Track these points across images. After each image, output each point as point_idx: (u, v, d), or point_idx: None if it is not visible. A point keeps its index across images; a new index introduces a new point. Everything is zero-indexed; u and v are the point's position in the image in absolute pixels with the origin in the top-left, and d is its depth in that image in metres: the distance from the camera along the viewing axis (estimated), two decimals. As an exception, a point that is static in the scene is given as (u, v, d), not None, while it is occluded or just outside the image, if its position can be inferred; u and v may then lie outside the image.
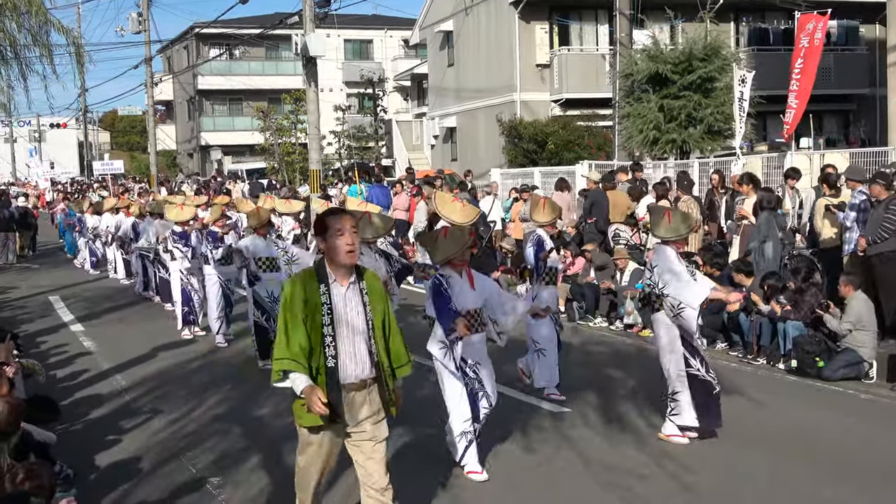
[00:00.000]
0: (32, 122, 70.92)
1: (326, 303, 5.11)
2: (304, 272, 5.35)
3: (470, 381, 7.32)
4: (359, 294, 5.21)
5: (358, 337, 5.18)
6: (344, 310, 5.15)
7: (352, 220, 5.19)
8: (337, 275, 5.18)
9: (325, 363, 5.10)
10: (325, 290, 5.13)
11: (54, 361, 12.34)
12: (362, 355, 5.20)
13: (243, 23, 46.87)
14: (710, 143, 20.56)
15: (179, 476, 7.56)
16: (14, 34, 15.06)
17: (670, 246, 7.96)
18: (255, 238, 11.76)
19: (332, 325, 5.10)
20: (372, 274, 5.40)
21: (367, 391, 5.27)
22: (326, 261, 5.22)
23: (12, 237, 26.60)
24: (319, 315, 5.09)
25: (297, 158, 40.28)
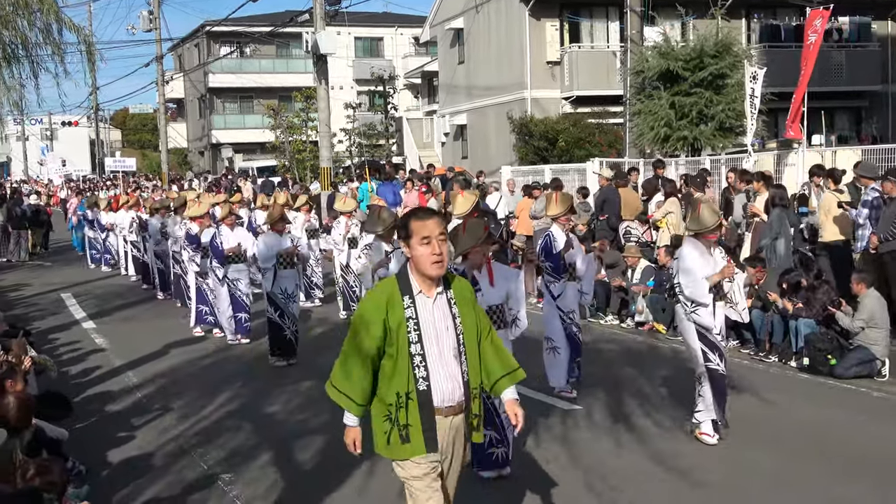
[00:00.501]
0: (44, 121, 71.16)
1: (412, 317, 4.52)
2: (384, 283, 4.75)
3: None
4: (447, 305, 4.62)
5: (450, 354, 4.57)
6: (433, 324, 4.56)
7: (441, 226, 4.57)
8: (423, 285, 4.58)
9: (416, 386, 4.51)
10: (409, 304, 4.54)
11: (66, 358, 12.38)
12: (457, 375, 4.59)
13: (254, 21, 46.92)
14: (721, 140, 20.51)
15: (191, 472, 7.58)
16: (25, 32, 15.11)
17: (700, 239, 7.87)
18: (271, 235, 11.68)
19: (420, 343, 4.51)
20: (461, 281, 4.82)
21: (464, 414, 4.69)
22: (410, 269, 4.63)
23: (25, 235, 26.71)
24: (405, 332, 4.50)
25: (308, 156, 40.32)
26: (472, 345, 4.68)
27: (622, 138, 23.80)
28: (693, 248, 7.91)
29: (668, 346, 12.19)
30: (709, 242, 7.87)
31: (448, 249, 4.74)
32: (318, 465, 7.70)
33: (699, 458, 7.56)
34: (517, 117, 28.84)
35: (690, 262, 7.84)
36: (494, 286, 7.05)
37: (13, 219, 26.23)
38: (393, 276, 4.76)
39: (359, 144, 41.83)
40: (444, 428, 4.60)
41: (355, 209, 15.43)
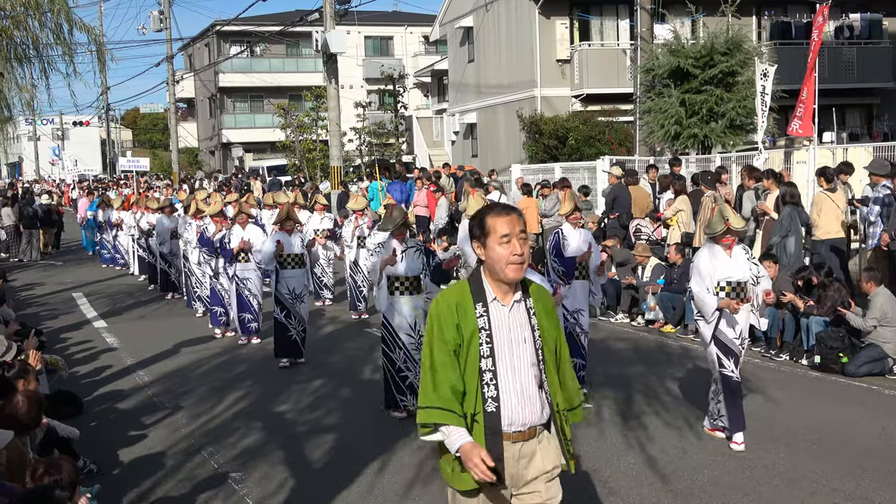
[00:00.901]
0: (55, 121, 71.42)
1: (485, 328, 3.95)
2: (454, 288, 4.12)
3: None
4: (525, 314, 4.04)
5: (526, 371, 3.98)
6: (507, 336, 3.99)
7: (521, 222, 4.00)
8: (498, 291, 4.02)
9: (484, 407, 3.94)
10: (482, 312, 3.98)
11: (78, 357, 12.43)
12: (532, 394, 4.00)
13: (264, 20, 46.99)
14: (731, 138, 20.46)
15: (201, 471, 7.60)
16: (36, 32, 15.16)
17: (717, 243, 7.83)
18: (280, 234, 11.65)
19: (492, 357, 3.94)
20: (539, 287, 4.21)
21: (537, 440, 4.07)
22: (484, 273, 4.06)
23: (36, 234, 26.80)
24: (476, 344, 3.94)
25: (318, 155, 40.35)
26: (552, 361, 4.09)
27: (632, 136, 23.77)
28: (706, 251, 7.90)
29: (678, 345, 12.17)
30: (724, 245, 7.79)
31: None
32: (327, 464, 7.71)
33: (709, 455, 7.55)
34: (527, 115, 28.82)
35: (697, 264, 7.87)
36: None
37: (25, 218, 26.33)
38: (464, 280, 4.15)
39: (369, 143, 41.83)
40: (511, 456, 3.99)
41: (366, 207, 15.45)
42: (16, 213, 26.50)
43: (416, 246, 9.06)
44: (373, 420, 8.96)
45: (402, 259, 8.82)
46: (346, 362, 11.65)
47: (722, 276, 7.73)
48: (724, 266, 7.75)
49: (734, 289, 7.74)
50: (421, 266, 8.89)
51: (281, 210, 12.26)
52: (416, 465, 7.56)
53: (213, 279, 13.74)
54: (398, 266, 8.79)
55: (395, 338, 8.81)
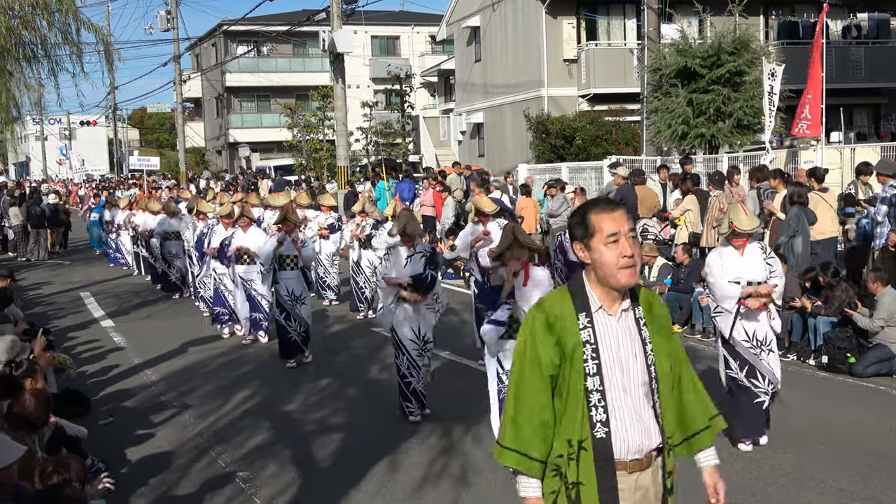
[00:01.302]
0: (63, 120, 71.59)
1: (590, 342, 3.47)
2: (552, 297, 3.66)
3: (505, 388, 6.80)
4: (635, 325, 3.56)
5: (638, 390, 3.51)
6: (616, 350, 3.50)
7: (629, 220, 3.55)
8: (605, 299, 3.53)
9: (592, 433, 3.45)
10: (586, 323, 3.49)
11: (85, 357, 12.45)
12: (645, 416, 3.53)
13: (271, 20, 47.06)
14: (739, 138, 20.44)
15: (209, 470, 7.62)
16: (45, 32, 15.19)
17: (728, 244, 7.81)
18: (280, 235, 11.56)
19: (599, 376, 3.45)
20: (650, 294, 3.74)
21: (652, 470, 3.60)
22: (587, 278, 3.57)
23: (44, 234, 26.85)
24: (580, 361, 3.46)
25: (325, 155, 40.39)
26: (666, 378, 3.60)
27: (639, 136, 23.75)
28: (716, 252, 7.97)
29: (685, 344, 12.08)
30: (735, 246, 7.74)
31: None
32: (335, 463, 7.72)
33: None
34: (534, 115, 28.82)
35: (709, 263, 7.92)
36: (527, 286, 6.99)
37: (33, 218, 26.38)
38: (564, 287, 3.66)
39: (375, 143, 41.88)
40: (627, 488, 3.52)
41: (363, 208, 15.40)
42: (23, 213, 26.55)
43: (423, 252, 8.91)
44: (380, 419, 8.96)
45: (407, 265, 8.73)
46: (353, 361, 11.66)
47: (733, 276, 7.67)
48: (736, 266, 7.70)
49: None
50: (423, 271, 8.78)
51: (280, 211, 12.21)
52: (425, 464, 7.57)
53: (217, 279, 13.69)
54: (403, 273, 8.70)
55: (400, 344, 8.76)
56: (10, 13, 14.53)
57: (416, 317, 8.75)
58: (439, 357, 10.97)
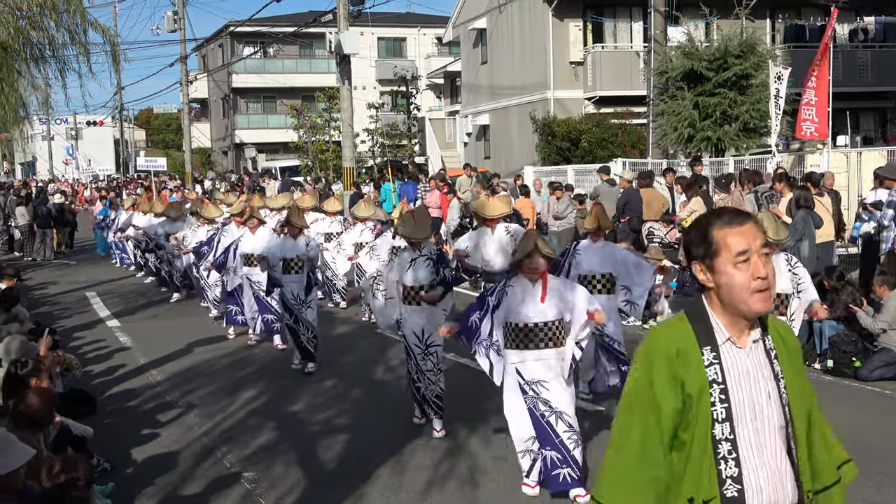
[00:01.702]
0: (69, 120, 71.73)
1: (717, 381, 2.91)
2: (668, 329, 3.04)
3: (531, 399, 6.68)
4: (766, 359, 3.01)
5: (773, 437, 2.96)
6: (747, 390, 2.94)
7: (760, 234, 2.99)
8: (732, 329, 2.97)
9: (722, 491, 2.90)
10: (712, 359, 2.93)
11: (91, 356, 12.47)
12: (782, 468, 2.98)
13: (277, 21, 47.12)
14: (745, 141, 20.44)
15: (215, 470, 7.62)
16: (52, 32, 15.22)
17: None
18: (284, 238, 11.51)
19: (730, 422, 2.89)
20: (780, 323, 3.19)
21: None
22: (710, 304, 3.01)
23: (50, 234, 26.90)
24: (706, 405, 2.90)
25: (331, 156, 40.43)
26: (801, 421, 3.07)
27: (645, 139, 23.75)
28: None
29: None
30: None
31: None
32: (341, 464, 7.72)
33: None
34: (540, 117, 28.82)
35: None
36: (545, 301, 6.67)
37: (39, 218, 26.42)
38: (681, 315, 3.07)
39: (381, 145, 41.91)
40: None
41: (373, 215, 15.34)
42: (30, 213, 26.60)
43: (429, 255, 8.66)
44: (386, 420, 8.97)
45: (410, 268, 8.51)
46: (359, 363, 11.67)
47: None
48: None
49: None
50: (430, 276, 8.52)
51: (286, 214, 12.07)
52: (430, 465, 7.57)
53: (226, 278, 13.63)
54: (406, 276, 8.50)
55: (408, 349, 8.60)
56: (19, 13, 14.57)
57: (420, 320, 8.50)
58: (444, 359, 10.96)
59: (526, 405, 6.67)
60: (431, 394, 8.47)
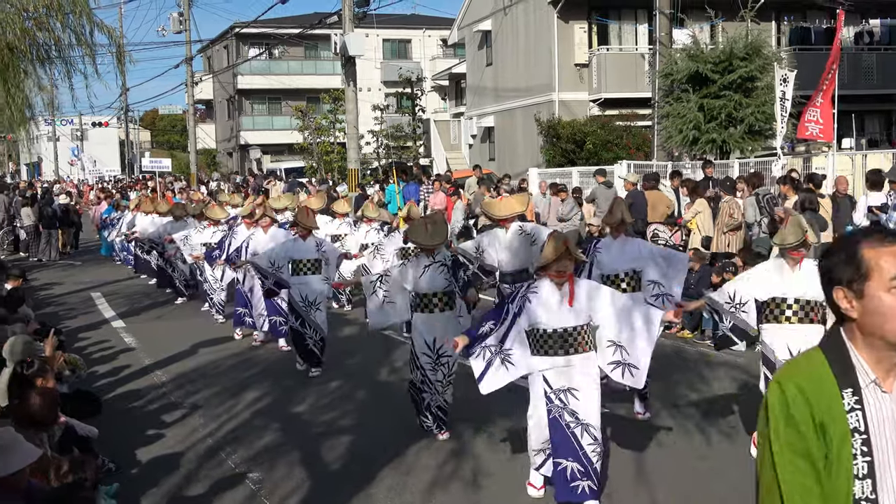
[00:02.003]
0: (74, 121, 71.83)
1: (859, 430, 2.51)
2: (803, 363, 2.67)
3: (556, 408, 6.42)
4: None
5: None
6: (894, 444, 2.54)
7: None
8: (878, 368, 2.58)
9: None
10: (854, 404, 2.53)
11: (96, 357, 12.48)
12: None
13: (283, 22, 47.19)
14: (750, 144, 20.44)
15: (219, 471, 7.64)
16: (58, 33, 15.23)
17: (785, 256, 7.26)
18: (294, 239, 11.38)
19: (872, 479, 2.50)
20: None
21: None
22: (849, 338, 2.63)
23: (55, 234, 26.94)
24: (847, 457, 2.50)
25: (336, 157, 40.47)
26: None
27: (650, 141, 23.75)
28: (771, 264, 7.39)
29: (694, 350, 12.13)
30: (793, 259, 7.17)
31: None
32: (345, 465, 7.73)
33: (725, 460, 7.52)
34: (545, 119, 28.82)
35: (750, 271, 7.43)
36: (573, 306, 6.38)
37: (44, 218, 26.48)
38: (816, 351, 2.68)
39: (386, 146, 41.94)
40: None
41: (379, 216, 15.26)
42: (35, 213, 26.66)
43: (443, 261, 8.34)
44: (390, 421, 8.97)
45: (424, 275, 8.21)
46: (363, 364, 11.67)
47: (781, 292, 7.17)
48: (790, 282, 7.16)
49: (802, 307, 7.14)
50: (444, 282, 8.21)
51: (296, 214, 11.94)
52: (435, 466, 7.57)
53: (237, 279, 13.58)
54: (419, 282, 8.20)
55: (415, 358, 8.34)
56: (25, 14, 14.60)
57: (432, 328, 8.23)
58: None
59: (550, 415, 6.42)
60: (435, 404, 8.32)
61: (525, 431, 6.81)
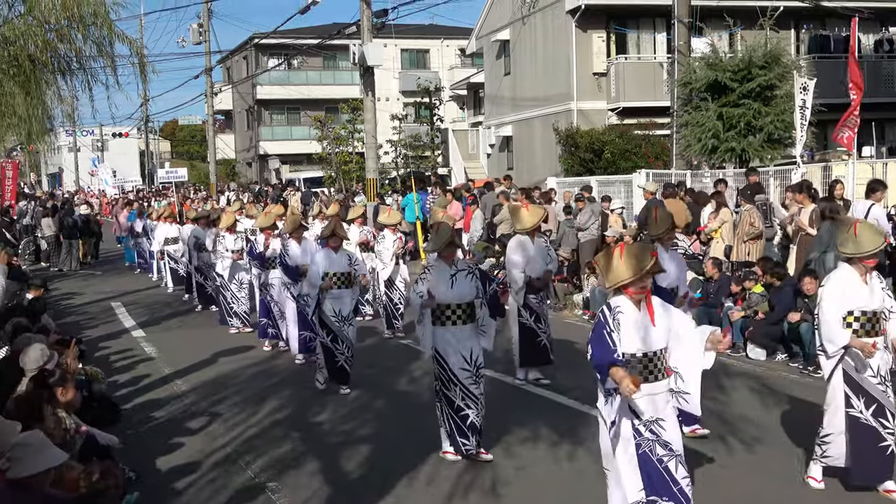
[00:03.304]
0: (95, 132, 72.29)
1: None
2: None
3: (646, 441, 5.64)
4: None
5: None
6: None
7: None
8: None
9: None
10: None
11: (117, 366, 12.55)
12: None
13: (301, 33, 47.31)
14: (769, 152, 20.34)
15: (238, 479, 7.66)
16: (79, 45, 15.33)
17: (853, 265, 6.80)
18: (327, 252, 10.93)
19: None
20: None
21: None
22: None
23: (76, 244, 27.11)
24: None
25: (354, 167, 40.54)
26: None
27: (669, 150, 23.68)
28: (845, 274, 6.84)
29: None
30: (866, 268, 6.76)
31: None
32: (364, 475, 7.73)
33: (744, 472, 7.48)
34: (563, 129, 28.79)
35: (829, 289, 6.86)
36: (657, 325, 5.67)
37: (65, 229, 26.66)
38: None
39: (405, 156, 41.99)
40: None
41: (400, 221, 15.20)
42: (56, 224, 26.85)
43: (468, 269, 8.05)
44: (408, 432, 8.97)
45: (452, 284, 7.88)
46: (382, 374, 11.67)
47: (855, 305, 6.75)
48: (859, 294, 6.76)
49: (869, 320, 6.75)
50: (474, 291, 7.91)
51: (328, 225, 11.53)
52: (451, 478, 7.56)
53: (263, 290, 13.52)
54: (448, 293, 7.84)
55: (451, 374, 7.81)
56: (47, 26, 14.71)
57: (467, 341, 7.89)
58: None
59: (640, 450, 5.63)
60: (479, 421, 7.88)
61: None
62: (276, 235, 13.38)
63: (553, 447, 8.21)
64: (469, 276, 7.96)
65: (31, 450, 5.12)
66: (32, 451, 5.10)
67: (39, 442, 5.23)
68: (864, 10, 22.03)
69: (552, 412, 9.34)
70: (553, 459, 7.92)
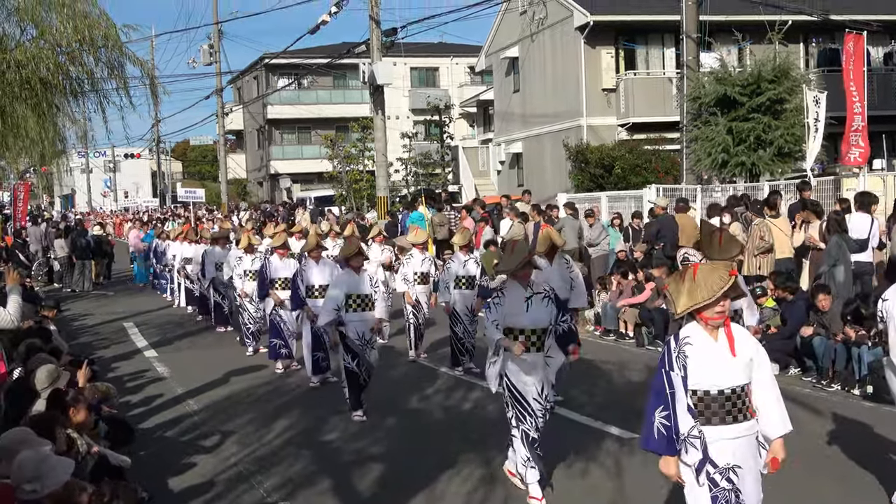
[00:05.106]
0: (107, 153, 72.69)
1: None
2: None
3: (723, 492, 4.98)
4: None
5: None
6: None
7: None
8: None
9: None
10: None
11: (129, 386, 12.57)
12: None
13: (311, 53, 47.52)
14: (780, 166, 20.31)
15: (250, 499, 7.66)
16: (91, 67, 15.42)
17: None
18: (349, 273, 10.57)
19: None
20: None
21: None
22: None
23: (88, 265, 27.19)
24: None
25: (365, 185, 40.66)
26: None
27: (679, 164, 23.67)
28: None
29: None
30: None
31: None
32: (375, 494, 7.73)
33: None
34: (573, 145, 28.81)
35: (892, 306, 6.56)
36: (737, 356, 5.00)
37: (77, 249, 26.75)
38: None
39: (415, 173, 42.09)
40: None
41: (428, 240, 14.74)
42: (69, 245, 26.96)
43: (545, 292, 7.40)
44: (420, 449, 8.96)
45: (528, 307, 7.26)
46: (393, 392, 11.65)
47: None
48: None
49: None
50: (549, 317, 7.29)
51: (348, 245, 11.23)
52: (464, 494, 7.55)
53: (274, 310, 13.35)
54: (522, 318, 7.25)
55: (525, 406, 7.22)
56: (59, 49, 14.81)
57: (542, 370, 7.32)
58: (477, 386, 10.97)
59: (717, 502, 4.99)
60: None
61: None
62: (290, 255, 13.37)
63: (566, 463, 8.18)
64: (545, 300, 7.32)
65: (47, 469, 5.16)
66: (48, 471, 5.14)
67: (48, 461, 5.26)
68: (874, 24, 22.02)
69: (565, 428, 9.32)
70: (566, 476, 7.90)
